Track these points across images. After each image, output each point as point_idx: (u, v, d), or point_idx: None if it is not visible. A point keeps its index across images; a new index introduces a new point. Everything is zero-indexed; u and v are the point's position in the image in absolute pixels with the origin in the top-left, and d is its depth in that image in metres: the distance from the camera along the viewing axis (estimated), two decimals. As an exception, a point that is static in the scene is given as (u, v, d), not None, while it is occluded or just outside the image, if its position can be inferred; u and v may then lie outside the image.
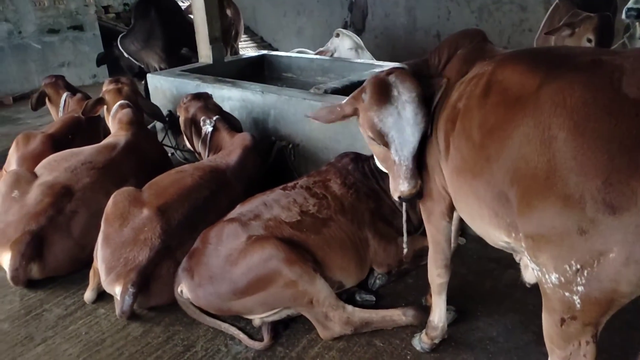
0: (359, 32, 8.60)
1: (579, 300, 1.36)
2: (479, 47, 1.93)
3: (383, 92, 1.86)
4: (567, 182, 1.29)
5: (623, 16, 3.51)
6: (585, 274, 1.31)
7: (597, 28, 3.55)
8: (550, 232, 1.36)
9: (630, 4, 3.37)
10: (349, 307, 2.46)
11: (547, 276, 1.42)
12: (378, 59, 6.14)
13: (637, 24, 3.57)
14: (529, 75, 1.49)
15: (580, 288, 1.33)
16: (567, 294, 1.37)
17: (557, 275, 1.38)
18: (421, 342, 2.36)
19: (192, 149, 3.96)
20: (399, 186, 1.93)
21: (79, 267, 3.02)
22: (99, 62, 6.43)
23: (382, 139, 1.88)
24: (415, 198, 1.97)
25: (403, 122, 1.84)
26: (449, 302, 2.38)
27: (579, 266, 1.31)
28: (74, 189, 3.06)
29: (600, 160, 1.23)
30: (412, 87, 1.86)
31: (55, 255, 2.92)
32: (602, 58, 1.39)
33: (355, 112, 1.99)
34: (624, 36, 3.82)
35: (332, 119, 2.06)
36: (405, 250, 2.43)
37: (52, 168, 3.18)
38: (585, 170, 1.26)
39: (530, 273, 1.91)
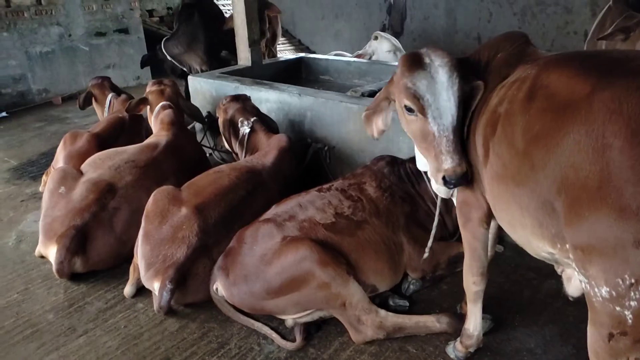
0: (397, 34, 8.54)
1: (630, 316, 1.29)
2: (521, 50, 1.87)
3: (414, 60, 1.85)
4: (622, 192, 1.24)
5: None
6: None
7: None
8: (603, 244, 1.30)
9: None
10: (382, 312, 2.44)
11: (596, 289, 1.36)
12: (416, 62, 6.07)
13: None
14: (578, 80, 1.43)
15: (633, 303, 1.27)
16: (618, 308, 1.31)
17: (607, 289, 1.32)
18: (455, 350, 2.31)
19: (229, 149, 4.03)
20: (442, 163, 1.79)
21: (120, 262, 3.13)
22: (143, 64, 6.64)
23: (417, 104, 1.81)
24: (462, 181, 1.82)
25: (437, 85, 1.79)
26: (485, 310, 2.32)
27: (633, 280, 1.25)
28: (117, 186, 3.17)
29: None
30: (444, 55, 1.83)
31: (97, 250, 3.03)
32: None
33: (391, 93, 2.00)
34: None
35: (372, 107, 2.11)
36: (425, 255, 2.37)
37: (97, 166, 3.30)
38: None
39: (573, 286, 1.83)
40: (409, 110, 1.86)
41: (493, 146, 1.71)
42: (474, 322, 2.24)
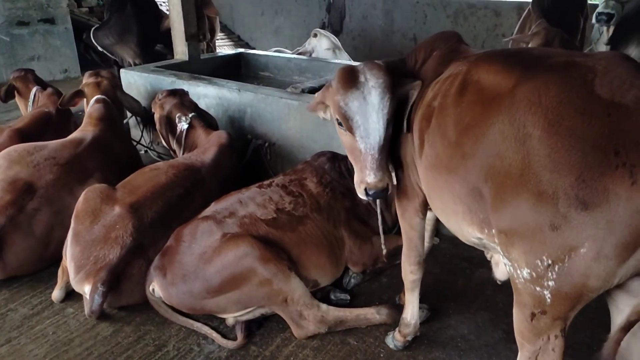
0: (336, 33, 8.63)
1: (549, 295, 1.39)
2: (454, 48, 1.96)
3: (350, 77, 1.87)
4: (540, 178, 1.32)
5: (593, 20, 3.62)
6: (557, 269, 1.34)
7: (543, 44, 3.74)
8: (523, 227, 1.39)
9: (600, 9, 3.47)
10: (324, 306, 2.46)
11: (518, 271, 1.45)
12: (355, 60, 6.17)
13: (605, 28, 3.68)
14: (504, 74, 1.52)
15: (551, 283, 1.37)
16: (537, 288, 1.40)
17: (528, 270, 1.41)
18: (394, 340, 2.38)
19: (166, 146, 3.90)
20: (365, 177, 1.85)
21: (43, 266, 2.95)
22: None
23: (347, 123, 1.86)
24: (381, 195, 1.89)
25: (368, 107, 1.83)
26: (422, 300, 2.40)
27: (550, 261, 1.34)
28: (36, 185, 2.96)
29: (573, 157, 1.27)
30: (379, 75, 1.86)
31: (16, 255, 2.83)
32: (575, 59, 1.43)
33: (326, 100, 2.03)
34: (592, 42, 3.94)
35: (311, 106, 2.14)
36: (384, 251, 2.44)
37: (13, 161, 3.06)
38: (558, 167, 1.29)
39: (500, 271, 1.95)
40: (340, 124, 1.92)
41: (427, 138, 1.78)
42: (412, 311, 2.31)
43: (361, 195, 1.92)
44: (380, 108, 1.83)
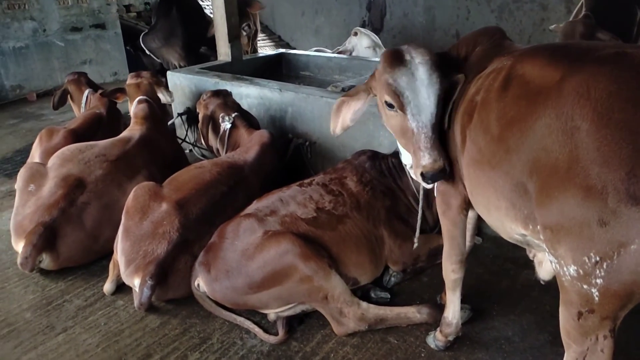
0: (377, 31, 8.58)
1: (597, 293, 1.34)
2: (497, 44, 1.92)
3: (396, 56, 1.87)
4: (589, 172, 1.29)
5: None
6: (605, 266, 1.29)
7: (562, 38, 3.64)
8: (570, 223, 1.35)
9: None
10: (364, 304, 2.47)
11: (565, 268, 1.41)
12: (396, 58, 6.12)
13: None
14: (550, 68, 1.49)
15: (599, 280, 1.32)
16: (585, 286, 1.36)
17: (575, 268, 1.37)
18: (435, 339, 2.35)
19: (206, 145, 4.01)
20: (420, 160, 1.82)
21: (93, 258, 3.10)
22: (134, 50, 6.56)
23: (397, 100, 1.84)
24: (439, 176, 1.84)
25: (417, 82, 1.82)
26: (465, 300, 2.37)
27: (598, 258, 1.30)
28: (86, 181, 3.11)
29: (624, 151, 1.23)
30: (425, 52, 1.86)
31: (67, 246, 2.98)
32: (626, 51, 1.38)
33: (372, 88, 2.02)
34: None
35: (351, 93, 2.13)
36: (415, 245, 2.41)
37: (66, 159, 3.24)
38: (608, 161, 1.25)
39: (544, 270, 1.89)
40: (389, 105, 1.89)
41: (470, 133, 1.76)
42: (453, 310, 2.28)
43: (420, 180, 1.88)
44: (430, 84, 1.82)
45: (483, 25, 2.47)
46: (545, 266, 1.89)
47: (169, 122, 4.69)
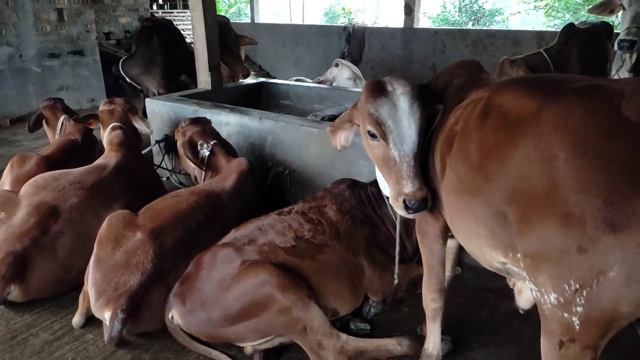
0: (356, 62, 8.76)
1: (578, 322, 1.34)
2: (475, 76, 1.97)
3: (378, 87, 1.91)
4: (567, 200, 1.30)
5: (615, 47, 3.60)
6: (585, 293, 1.29)
7: (500, 75, 3.89)
8: (550, 250, 1.35)
9: (622, 36, 3.44)
10: (343, 336, 2.41)
11: (545, 297, 1.40)
12: (375, 88, 6.22)
13: (627, 55, 3.65)
14: (527, 98, 1.52)
15: (579, 309, 1.32)
16: (566, 314, 1.35)
17: (555, 296, 1.36)
18: (416, 372, 2.31)
19: (189, 172, 3.96)
20: (403, 188, 1.82)
21: (64, 290, 2.97)
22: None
23: (380, 130, 1.86)
24: (422, 206, 1.84)
25: (399, 112, 1.85)
26: (445, 332, 2.34)
27: (578, 286, 1.30)
28: (60, 209, 3.02)
29: (601, 179, 1.24)
30: (406, 83, 1.90)
31: (38, 277, 2.85)
32: (601, 83, 1.42)
33: (355, 117, 2.07)
34: (616, 70, 3.90)
35: (336, 124, 2.19)
36: (396, 281, 2.39)
37: (39, 187, 3.14)
38: (586, 189, 1.26)
39: (524, 299, 1.89)
40: (372, 135, 1.91)
41: (450, 161, 1.77)
42: (434, 341, 2.25)
43: (401, 210, 1.87)
44: (411, 113, 1.85)
45: (458, 58, 2.54)
46: (525, 295, 1.89)
47: (146, 150, 4.64)
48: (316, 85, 5.84)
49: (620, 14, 3.65)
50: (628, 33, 3.42)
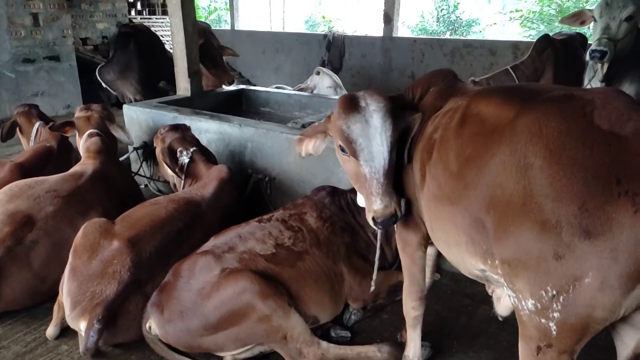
0: (336, 70, 8.80)
1: (554, 327, 1.36)
2: (450, 85, 2.00)
3: (351, 103, 1.89)
4: (543, 207, 1.32)
5: (587, 57, 3.69)
6: (561, 299, 1.32)
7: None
8: (527, 257, 1.37)
9: (593, 46, 3.54)
10: (324, 343, 2.41)
11: (523, 303, 1.42)
12: (355, 96, 6.25)
13: (599, 66, 3.75)
14: (504, 107, 1.56)
15: (556, 314, 1.34)
16: (543, 320, 1.38)
17: (533, 302, 1.39)
18: (397, 379, 2.31)
19: (168, 179, 3.91)
20: (372, 205, 1.81)
21: (39, 301, 2.90)
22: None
23: (350, 147, 1.85)
24: (390, 222, 1.85)
25: (371, 129, 1.83)
26: (425, 338, 2.35)
27: (554, 292, 1.33)
28: (35, 217, 2.94)
29: (576, 186, 1.27)
30: (380, 99, 1.88)
31: (12, 288, 2.77)
32: (573, 93, 1.47)
33: (328, 128, 2.04)
34: (588, 80, 4.01)
35: (308, 133, 2.14)
36: (372, 288, 2.40)
37: (14, 195, 3.06)
38: (561, 196, 1.29)
39: (502, 306, 1.92)
40: (343, 150, 1.91)
41: (429, 170, 1.79)
42: (414, 348, 2.26)
43: (372, 225, 1.88)
44: (383, 130, 1.84)
45: (436, 67, 2.58)
46: (503, 302, 1.91)
47: (124, 157, 4.57)
48: (296, 92, 5.85)
49: (591, 25, 3.75)
50: (599, 44, 3.52)
